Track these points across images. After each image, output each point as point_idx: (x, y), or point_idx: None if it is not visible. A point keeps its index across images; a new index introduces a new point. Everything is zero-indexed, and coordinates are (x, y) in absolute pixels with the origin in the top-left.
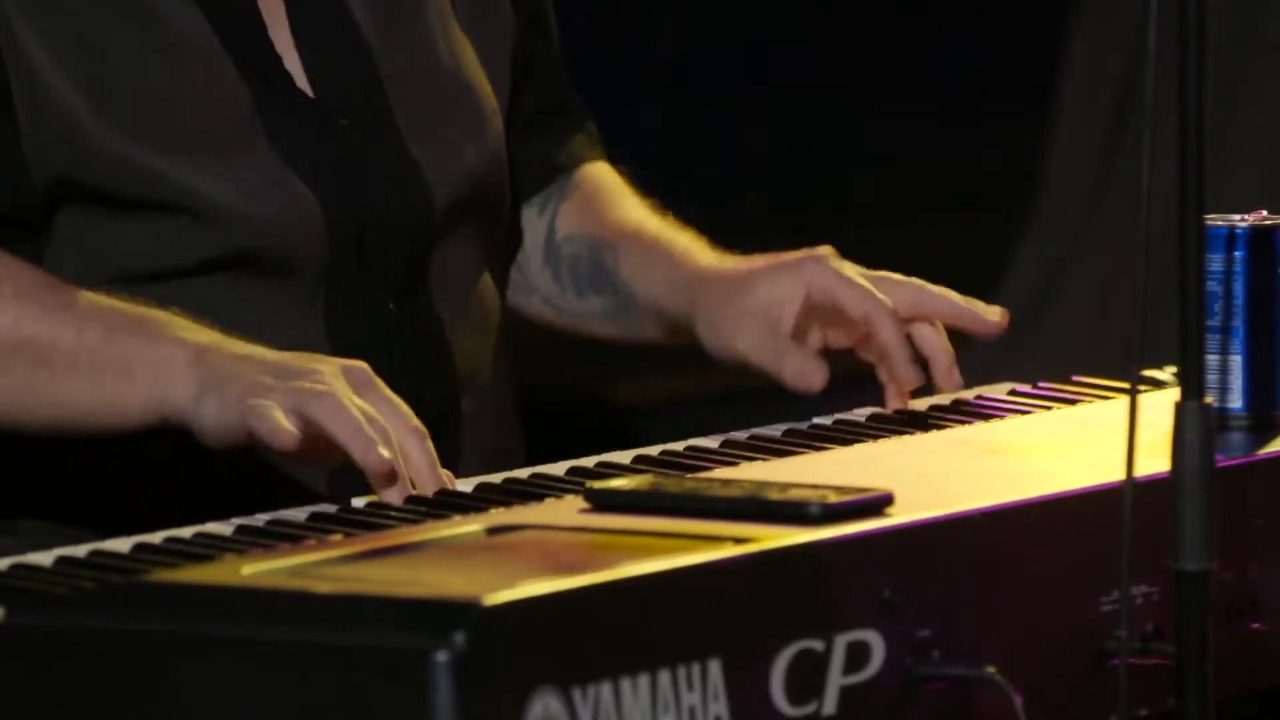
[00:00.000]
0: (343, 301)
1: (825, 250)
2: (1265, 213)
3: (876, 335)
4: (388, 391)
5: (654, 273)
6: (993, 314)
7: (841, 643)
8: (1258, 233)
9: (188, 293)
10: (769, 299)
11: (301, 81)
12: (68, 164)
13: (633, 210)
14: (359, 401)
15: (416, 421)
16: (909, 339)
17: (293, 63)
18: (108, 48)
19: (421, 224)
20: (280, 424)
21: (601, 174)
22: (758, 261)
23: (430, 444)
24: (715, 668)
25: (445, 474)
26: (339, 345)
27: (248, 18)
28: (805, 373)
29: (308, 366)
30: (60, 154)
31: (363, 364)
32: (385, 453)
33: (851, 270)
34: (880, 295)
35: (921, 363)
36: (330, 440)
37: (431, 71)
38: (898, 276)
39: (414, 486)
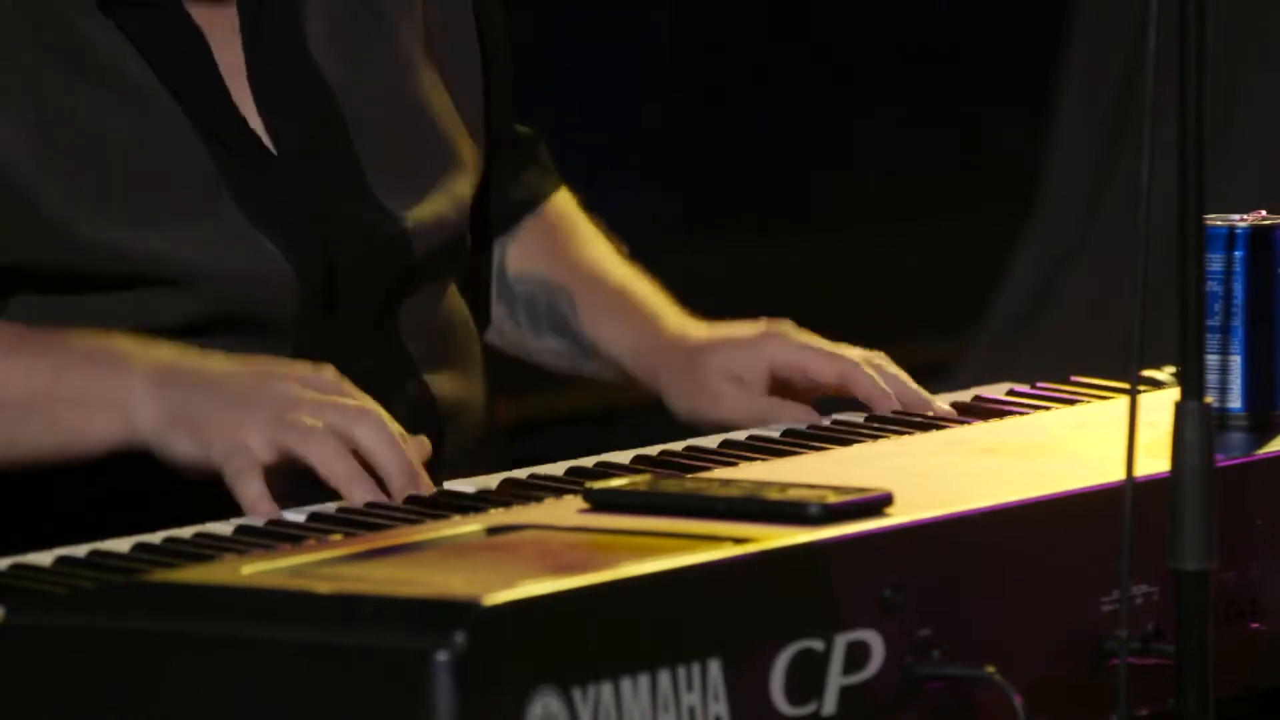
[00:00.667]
0: (312, 356)
1: (784, 324)
2: (1265, 213)
3: (857, 390)
4: (358, 394)
5: (615, 331)
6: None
7: (841, 643)
8: (1257, 232)
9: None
10: (732, 372)
11: (265, 138)
12: (23, 248)
13: (590, 250)
14: (338, 423)
15: (393, 424)
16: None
17: (255, 120)
18: (63, 114)
19: (397, 275)
20: (259, 497)
21: (556, 206)
22: (718, 331)
23: (406, 446)
24: (715, 668)
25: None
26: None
27: (207, 79)
28: (791, 418)
29: (277, 387)
30: (15, 237)
31: (330, 367)
32: (374, 497)
33: (811, 338)
34: (845, 353)
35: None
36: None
37: (401, 121)
38: (857, 353)
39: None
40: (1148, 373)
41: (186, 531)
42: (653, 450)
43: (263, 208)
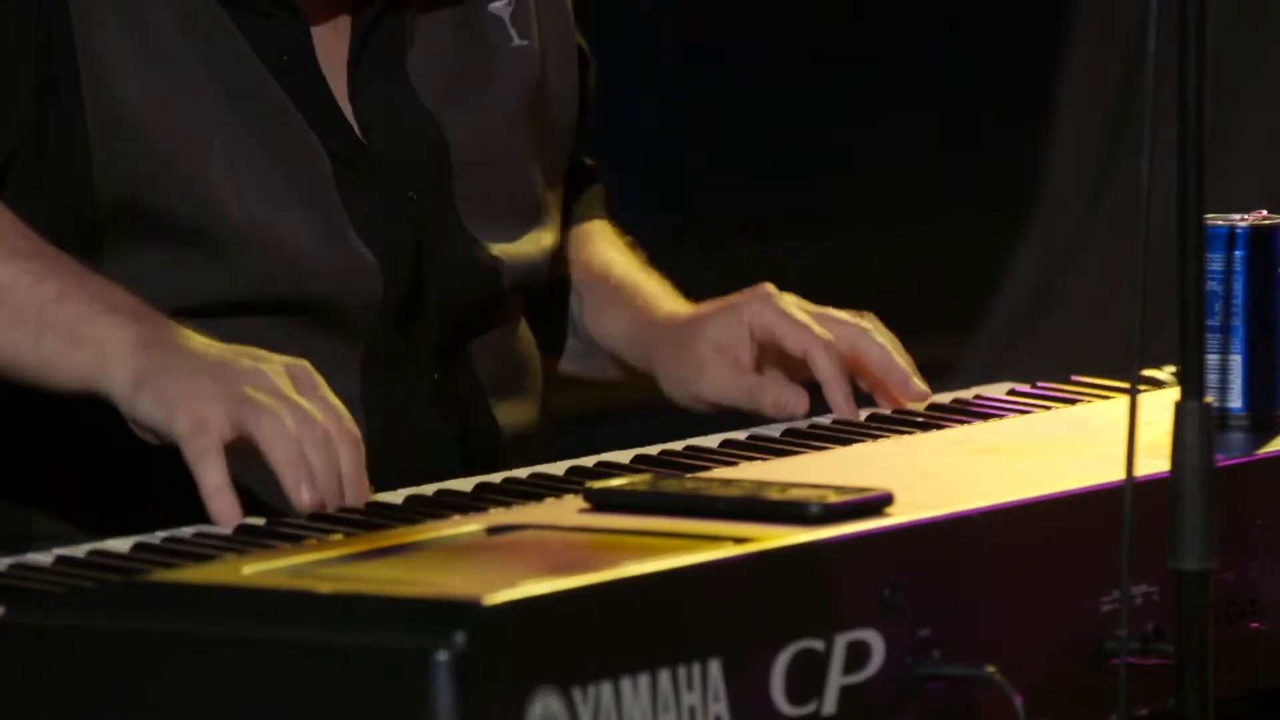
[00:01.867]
0: (384, 363)
1: (767, 288)
2: (1265, 212)
3: (816, 370)
4: (328, 393)
5: (613, 322)
6: (916, 388)
7: (841, 642)
8: (1258, 232)
9: (234, 325)
10: (719, 341)
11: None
12: (134, 184)
13: (604, 251)
14: (301, 401)
15: (353, 427)
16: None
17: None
18: (198, 99)
19: (483, 305)
20: (219, 488)
21: (590, 223)
22: (705, 306)
23: (363, 452)
24: (715, 667)
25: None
26: (372, 402)
27: (318, 88)
28: (785, 404)
29: (249, 366)
30: (130, 174)
31: (304, 362)
32: (307, 497)
33: (793, 306)
34: (818, 329)
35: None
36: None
37: (499, 166)
38: (843, 315)
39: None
40: (1148, 372)
41: (186, 531)
42: (653, 450)
43: (364, 214)
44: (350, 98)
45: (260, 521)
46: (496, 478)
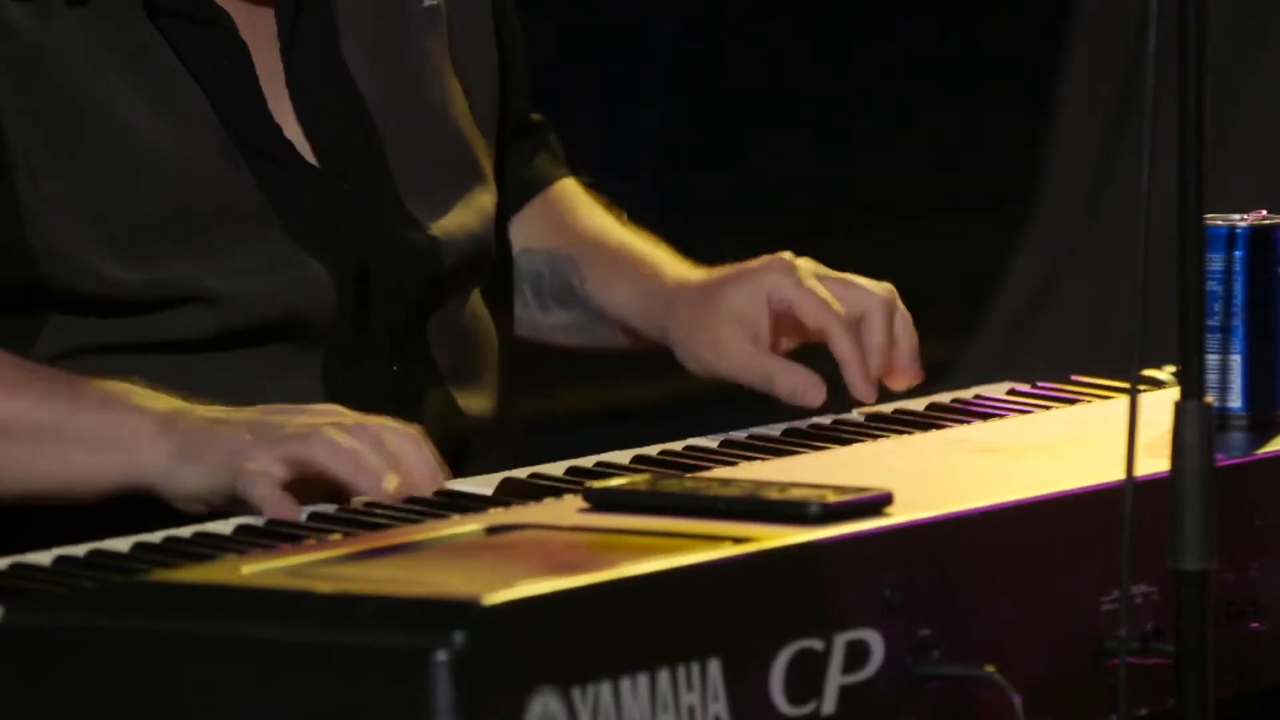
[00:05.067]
0: (342, 363)
1: (785, 256)
2: (1265, 212)
3: (833, 349)
4: (366, 416)
5: (620, 289)
6: (908, 377)
7: (841, 642)
8: (1257, 232)
9: (183, 361)
10: (737, 312)
11: (304, 149)
12: (74, 283)
13: (591, 218)
14: (343, 432)
15: (406, 426)
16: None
17: (293, 132)
18: (110, 167)
19: (429, 286)
20: (277, 496)
21: (561, 187)
22: (720, 272)
23: (426, 439)
24: (715, 667)
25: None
26: (338, 402)
27: (249, 91)
28: (802, 391)
29: (281, 416)
30: (67, 274)
31: (335, 407)
32: (391, 484)
33: (811, 274)
34: (836, 307)
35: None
36: (327, 478)
37: (431, 131)
38: (865, 282)
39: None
40: (1148, 372)
41: (186, 531)
42: (652, 450)
43: (305, 224)
44: (290, 95)
45: (259, 522)
46: (496, 478)
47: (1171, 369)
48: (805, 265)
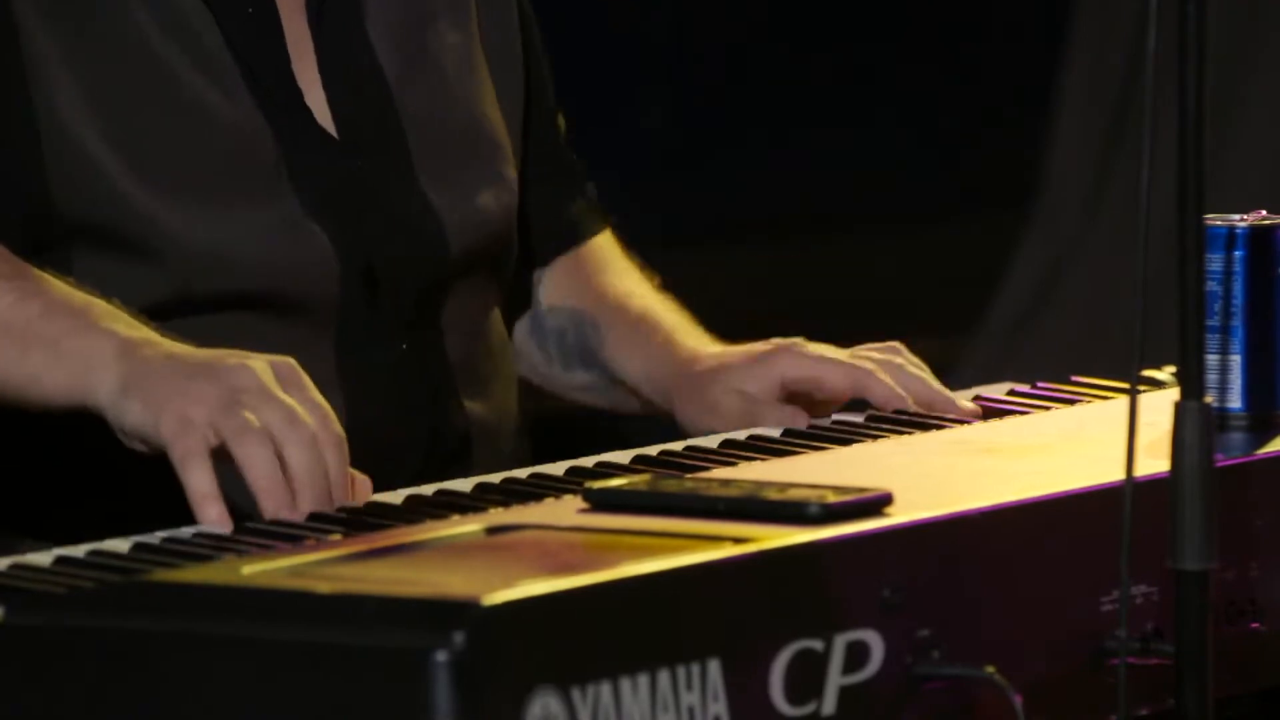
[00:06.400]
0: (354, 339)
1: (795, 340)
2: (1265, 213)
3: (873, 399)
4: (314, 391)
5: (634, 358)
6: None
7: (841, 642)
8: (1257, 232)
9: (196, 327)
10: (741, 390)
11: (323, 117)
12: (82, 205)
13: (619, 280)
14: (286, 399)
15: (338, 428)
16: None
17: (315, 98)
18: (135, 94)
19: (434, 268)
20: (206, 494)
21: (597, 244)
22: (732, 353)
23: (346, 454)
24: (714, 667)
25: (362, 478)
26: (349, 381)
27: (273, 49)
28: (789, 422)
29: (235, 364)
30: (76, 194)
31: (290, 360)
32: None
33: (824, 348)
34: (858, 362)
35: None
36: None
37: (451, 116)
38: (873, 349)
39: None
40: (1148, 373)
41: (186, 532)
42: (653, 450)
43: (319, 194)
44: (318, 64)
45: (259, 522)
46: (495, 478)
47: (1171, 369)
48: (811, 345)
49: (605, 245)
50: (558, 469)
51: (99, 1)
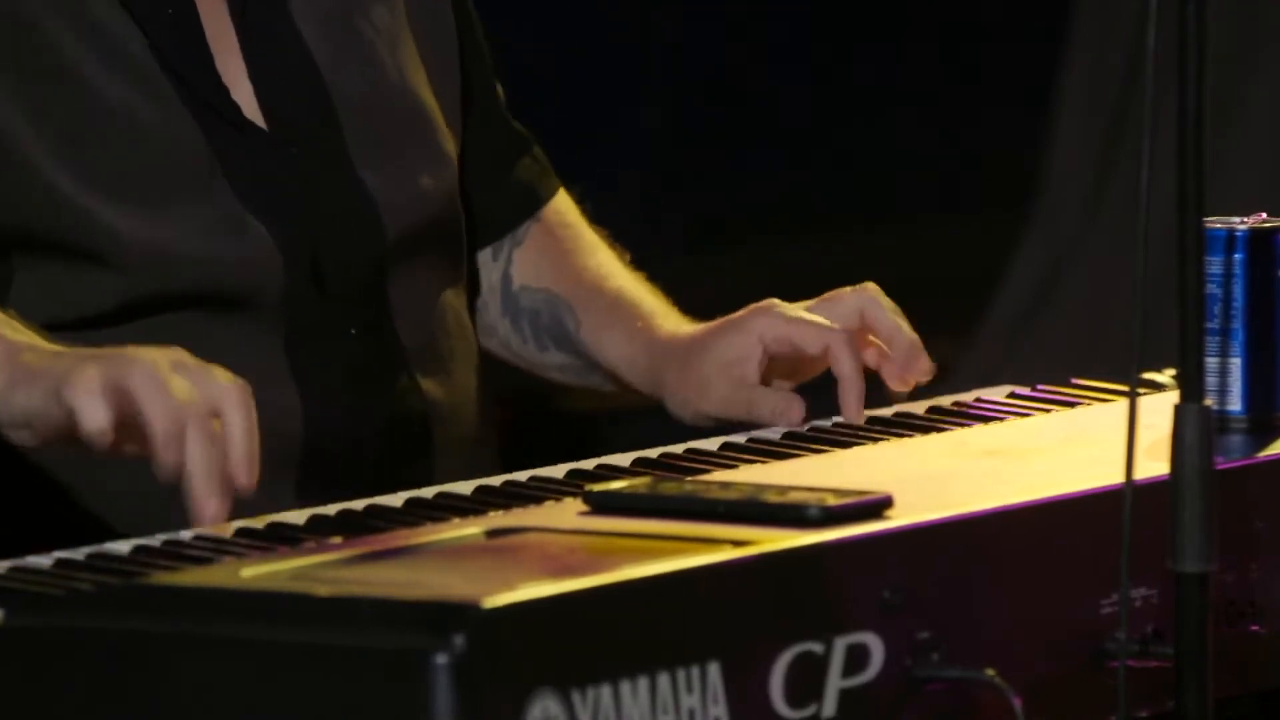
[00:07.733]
0: (303, 330)
1: (771, 301)
2: (1265, 215)
3: (837, 366)
4: (213, 370)
5: (613, 341)
6: (921, 372)
7: (841, 645)
8: (1257, 235)
9: (144, 330)
10: (726, 358)
11: (251, 111)
12: (22, 212)
13: (590, 261)
14: (181, 380)
15: (241, 395)
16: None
17: (243, 92)
18: (62, 105)
19: (375, 251)
20: (94, 401)
21: (558, 213)
22: (709, 327)
23: (254, 414)
24: (715, 670)
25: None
26: (302, 374)
27: (195, 49)
28: (783, 411)
29: (128, 354)
30: (16, 201)
31: (180, 350)
32: (176, 458)
33: (800, 310)
34: (835, 326)
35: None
36: (138, 410)
37: (384, 98)
38: (847, 290)
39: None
40: (1148, 375)
41: (186, 534)
42: (653, 453)
43: (254, 188)
44: (243, 51)
45: (259, 524)
46: (496, 480)
47: (1171, 372)
48: (788, 306)
49: (569, 215)
50: (557, 471)
51: (20, 14)
